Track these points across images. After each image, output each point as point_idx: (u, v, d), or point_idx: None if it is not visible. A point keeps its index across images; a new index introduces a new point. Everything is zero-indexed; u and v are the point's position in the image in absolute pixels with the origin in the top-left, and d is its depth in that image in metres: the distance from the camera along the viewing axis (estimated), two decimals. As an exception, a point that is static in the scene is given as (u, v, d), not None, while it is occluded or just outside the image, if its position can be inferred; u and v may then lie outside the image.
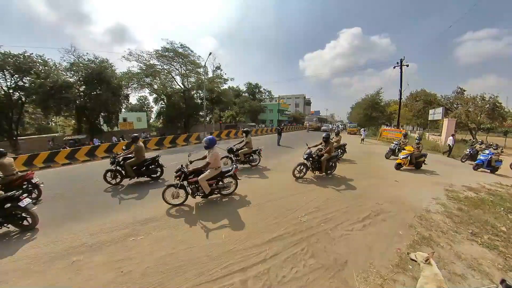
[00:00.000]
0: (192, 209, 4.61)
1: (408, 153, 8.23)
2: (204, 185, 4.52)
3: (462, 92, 26.15)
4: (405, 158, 8.20)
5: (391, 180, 6.86)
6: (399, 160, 8.31)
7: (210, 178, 4.61)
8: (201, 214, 4.39)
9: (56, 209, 4.86)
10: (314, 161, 6.60)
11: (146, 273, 2.71)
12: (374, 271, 2.72)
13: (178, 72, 25.57)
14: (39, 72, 16.87)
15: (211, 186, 4.72)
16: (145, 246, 3.28)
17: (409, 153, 8.25)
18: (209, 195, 4.77)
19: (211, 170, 4.60)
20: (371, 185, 6.26)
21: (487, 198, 5.47)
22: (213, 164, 4.59)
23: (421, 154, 8.42)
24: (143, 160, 6.38)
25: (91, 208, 4.83)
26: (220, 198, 5.12)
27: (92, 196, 5.68)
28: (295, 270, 2.75)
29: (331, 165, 6.89)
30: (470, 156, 10.85)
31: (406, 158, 8.19)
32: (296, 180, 6.45)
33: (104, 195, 5.70)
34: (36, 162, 10.25)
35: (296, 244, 3.29)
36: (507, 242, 3.46)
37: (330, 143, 6.74)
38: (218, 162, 4.73)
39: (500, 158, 9.12)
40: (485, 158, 9.00)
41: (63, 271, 2.82)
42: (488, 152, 9.16)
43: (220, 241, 3.38)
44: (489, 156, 8.88)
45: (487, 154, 9.06)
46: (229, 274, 2.68)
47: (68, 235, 3.68)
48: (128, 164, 6.10)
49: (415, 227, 3.83)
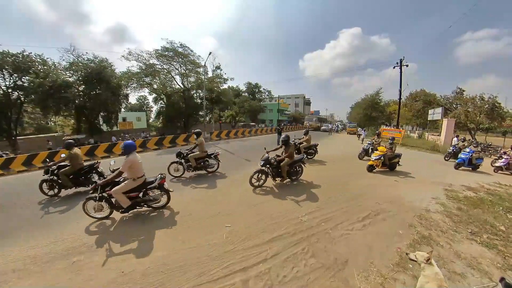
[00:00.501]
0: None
1: (381, 154, 7.69)
2: (120, 198, 3.85)
3: (461, 92, 26.22)
4: (377, 160, 7.67)
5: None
6: (371, 162, 7.79)
7: (129, 190, 3.96)
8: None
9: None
10: (273, 167, 5.84)
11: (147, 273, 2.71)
12: (375, 270, 2.73)
13: (178, 72, 25.53)
14: (38, 72, 16.82)
15: (134, 198, 4.07)
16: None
17: (381, 154, 7.70)
18: (131, 209, 4.10)
19: (128, 181, 3.94)
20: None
21: (486, 197, 5.51)
22: (129, 174, 3.92)
23: (395, 154, 7.97)
24: (80, 168, 5.66)
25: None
26: (149, 212, 4.43)
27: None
28: (296, 269, 2.76)
29: (295, 170, 6.20)
30: (454, 154, 10.65)
31: (378, 160, 7.67)
32: (254, 189, 5.63)
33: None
34: (35, 162, 10.23)
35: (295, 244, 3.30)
36: (506, 241, 3.49)
37: (291, 146, 6.05)
38: (137, 171, 3.97)
39: (480, 155, 9.02)
40: (466, 156, 8.79)
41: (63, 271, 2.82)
42: (469, 150, 8.98)
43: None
44: (470, 154, 8.71)
45: (467, 153, 8.86)
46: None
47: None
48: (62, 173, 5.42)
49: (415, 227, 3.85)
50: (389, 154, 7.85)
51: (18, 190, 6.38)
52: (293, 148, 6.17)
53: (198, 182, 6.39)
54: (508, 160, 8.78)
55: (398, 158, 8.04)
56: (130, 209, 4.10)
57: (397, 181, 6.72)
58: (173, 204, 4.64)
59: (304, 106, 71.62)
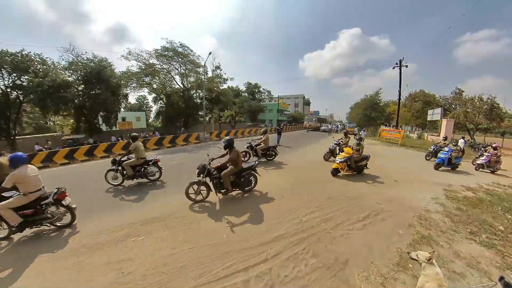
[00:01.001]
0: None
1: (346, 156, 7.01)
2: (7, 215, 3.47)
3: (460, 93, 26.38)
4: (342, 163, 6.98)
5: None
6: (336, 165, 7.06)
7: (20, 206, 3.57)
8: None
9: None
10: (214, 177, 4.93)
11: (147, 274, 2.72)
12: (375, 270, 2.75)
13: (178, 72, 25.51)
14: (37, 71, 16.75)
15: (28, 216, 3.65)
16: (146, 247, 3.29)
17: (347, 156, 7.02)
18: (23, 227, 3.66)
19: (18, 196, 3.59)
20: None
21: (485, 198, 5.54)
22: (21, 188, 3.56)
23: (363, 157, 7.26)
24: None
25: (91, 208, 4.81)
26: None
27: (93, 195, 5.66)
28: (297, 269, 2.78)
29: (245, 179, 5.26)
30: (435, 153, 10.29)
31: (343, 163, 6.99)
32: (194, 204, 4.80)
33: (105, 195, 5.68)
34: (34, 162, 10.20)
35: (297, 243, 3.31)
36: (504, 241, 3.52)
37: (234, 151, 5.01)
38: (27, 186, 3.60)
39: (459, 155, 8.84)
40: (445, 156, 8.54)
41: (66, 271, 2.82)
42: (448, 150, 8.78)
43: (222, 240, 3.37)
44: (449, 154, 8.50)
45: (446, 152, 8.65)
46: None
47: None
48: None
49: (414, 227, 3.87)
50: (355, 157, 7.09)
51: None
52: (236, 154, 5.03)
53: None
54: (489, 158, 8.90)
55: (366, 161, 7.34)
56: (22, 227, 3.61)
57: (397, 181, 6.74)
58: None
59: (304, 106, 71.68)
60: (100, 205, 4.96)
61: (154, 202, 5.05)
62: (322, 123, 35.81)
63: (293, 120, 52.46)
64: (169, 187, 6.18)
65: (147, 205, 4.89)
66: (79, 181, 7.17)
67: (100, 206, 4.89)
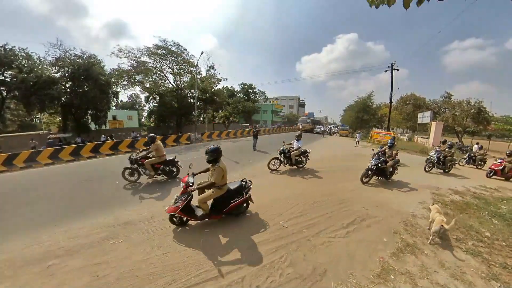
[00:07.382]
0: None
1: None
2: None
3: (449, 97, 26.91)
4: None
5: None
6: None
7: None
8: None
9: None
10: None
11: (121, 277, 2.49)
12: (354, 282, 2.56)
13: (171, 71, 25.09)
14: (22, 66, 16.14)
15: None
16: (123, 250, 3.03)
17: None
18: None
19: None
20: None
21: (472, 202, 5.49)
22: None
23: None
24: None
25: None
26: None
27: None
28: (270, 279, 2.58)
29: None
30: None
31: None
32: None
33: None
34: (16, 162, 9.67)
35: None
36: (490, 248, 3.42)
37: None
38: None
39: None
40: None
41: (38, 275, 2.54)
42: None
43: (196, 248, 3.15)
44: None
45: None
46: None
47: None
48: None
49: (400, 234, 3.72)
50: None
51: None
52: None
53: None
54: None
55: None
56: None
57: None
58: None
59: (299, 108, 72.01)
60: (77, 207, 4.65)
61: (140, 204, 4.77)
62: (316, 125, 35.84)
63: (288, 121, 52.54)
64: (150, 190, 5.90)
65: (147, 205, 4.61)
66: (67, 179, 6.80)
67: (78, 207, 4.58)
